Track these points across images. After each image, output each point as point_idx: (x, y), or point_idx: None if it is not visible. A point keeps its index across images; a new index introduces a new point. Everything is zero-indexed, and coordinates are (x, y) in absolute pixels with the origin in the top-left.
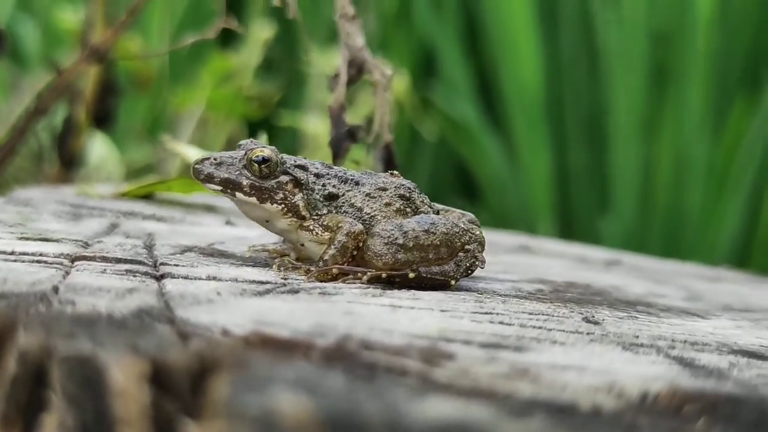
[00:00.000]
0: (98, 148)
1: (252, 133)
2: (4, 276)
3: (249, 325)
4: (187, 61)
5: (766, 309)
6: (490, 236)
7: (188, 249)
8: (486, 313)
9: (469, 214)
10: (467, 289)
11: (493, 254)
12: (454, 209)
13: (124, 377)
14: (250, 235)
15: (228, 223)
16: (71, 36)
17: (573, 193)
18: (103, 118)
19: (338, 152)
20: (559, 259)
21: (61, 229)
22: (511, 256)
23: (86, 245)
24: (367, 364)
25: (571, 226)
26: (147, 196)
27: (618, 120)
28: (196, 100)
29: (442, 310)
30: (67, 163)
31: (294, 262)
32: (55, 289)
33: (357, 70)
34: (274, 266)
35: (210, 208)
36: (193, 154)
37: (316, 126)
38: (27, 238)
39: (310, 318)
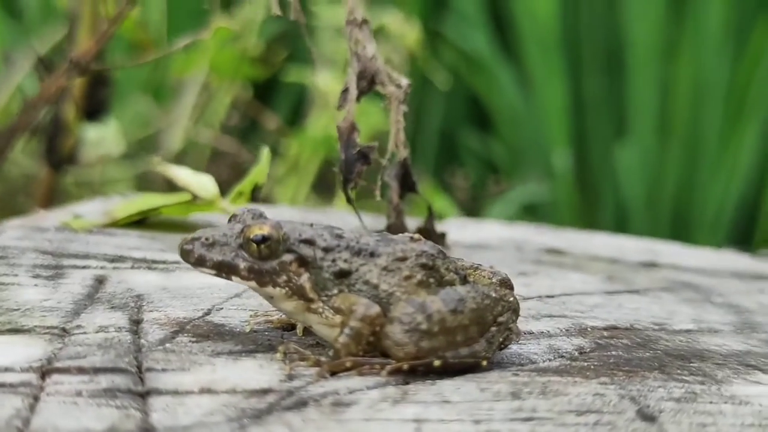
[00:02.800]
0: (91, 131)
1: (258, 93)
2: None
3: None
4: (188, 23)
5: None
6: (510, 232)
7: (180, 329)
8: (526, 419)
9: (501, 272)
10: (500, 364)
11: (522, 275)
12: (483, 267)
13: None
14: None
15: None
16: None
17: (589, 123)
18: (94, 111)
19: (349, 177)
20: (592, 270)
21: (36, 303)
22: (542, 277)
23: (63, 333)
24: None
25: (586, 157)
26: (140, 221)
27: (636, 45)
28: (198, 65)
29: (476, 421)
30: (58, 165)
31: (301, 350)
32: None
33: (368, 82)
34: (278, 354)
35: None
36: (184, 175)
37: (324, 82)
38: None
39: None
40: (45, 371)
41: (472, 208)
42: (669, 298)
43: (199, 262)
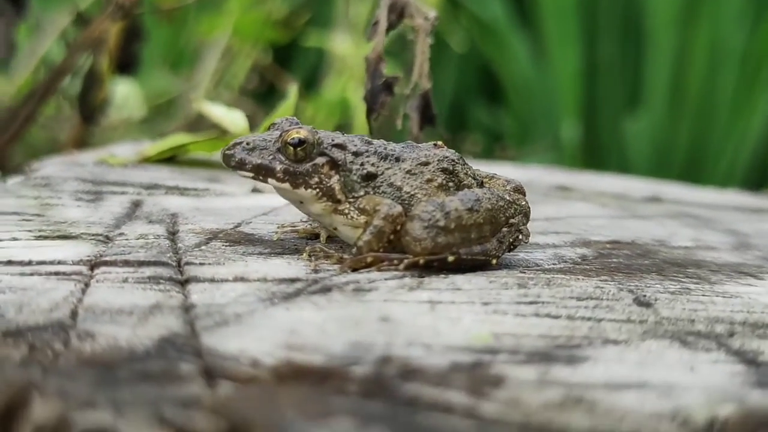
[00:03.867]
0: (120, 87)
1: (277, 57)
2: (19, 301)
3: (279, 351)
4: None
5: None
6: (523, 173)
7: (213, 236)
8: (531, 303)
9: (515, 180)
10: (508, 265)
11: (532, 203)
12: (498, 176)
13: None
14: (278, 205)
15: (254, 190)
16: None
17: (601, 92)
18: (126, 64)
19: (374, 106)
20: (599, 203)
21: (81, 218)
22: (549, 205)
23: (107, 239)
24: (409, 398)
25: (597, 128)
26: (170, 158)
27: (653, 11)
28: (221, 28)
29: (484, 303)
30: (89, 115)
31: (325, 248)
32: (74, 314)
33: (398, 15)
34: (304, 254)
35: None
36: (217, 111)
37: (343, 45)
38: (45, 237)
39: (343, 333)
40: (94, 264)
41: None
42: (670, 223)
43: (239, 165)
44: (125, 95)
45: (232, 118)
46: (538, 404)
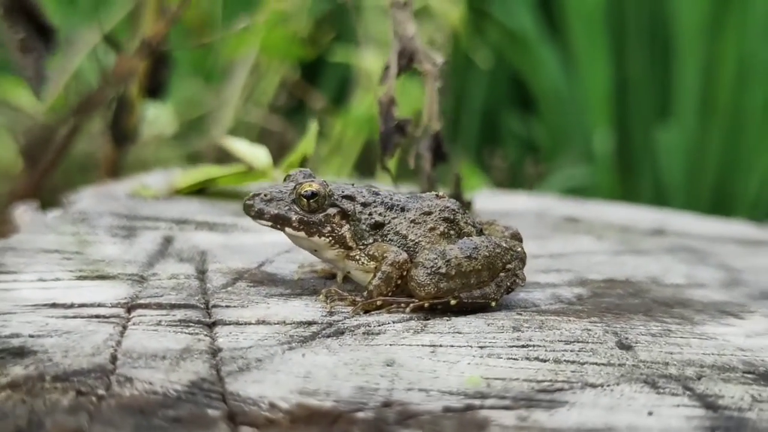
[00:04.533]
0: (153, 108)
1: (306, 74)
2: (64, 345)
3: (294, 397)
4: (241, 5)
5: None
6: (535, 203)
7: (239, 276)
8: (522, 346)
9: (513, 227)
10: (508, 306)
11: (539, 238)
12: (497, 222)
13: None
14: None
15: None
16: None
17: (632, 103)
18: (155, 89)
19: (387, 148)
20: (605, 236)
21: (117, 256)
22: (556, 239)
23: (142, 279)
24: None
25: (627, 139)
26: (200, 190)
27: (681, 24)
28: (249, 45)
29: (481, 346)
30: (121, 140)
31: (340, 292)
32: (113, 359)
33: (407, 60)
34: (321, 296)
35: None
36: (241, 147)
37: (369, 61)
38: (84, 277)
39: (352, 378)
40: (130, 306)
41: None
42: (666, 258)
43: (258, 215)
44: (155, 112)
45: (255, 154)
46: None
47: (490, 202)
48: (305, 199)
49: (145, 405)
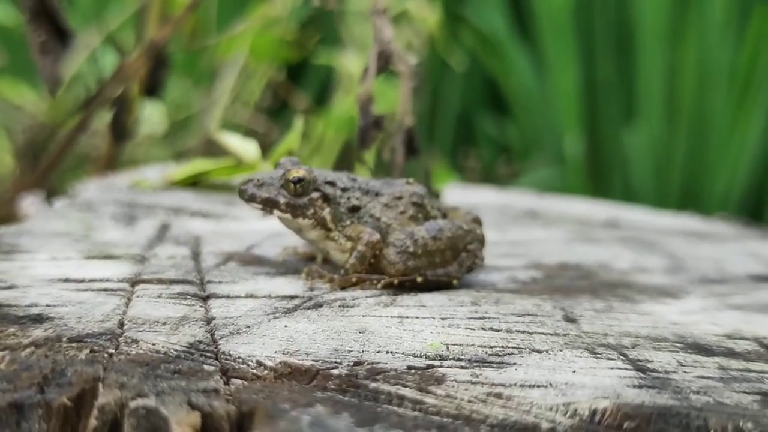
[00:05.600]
0: (150, 107)
1: (291, 75)
2: (78, 312)
3: (278, 356)
4: (234, 9)
5: (737, 277)
6: (503, 197)
7: (230, 257)
8: (479, 318)
9: (473, 212)
10: (469, 285)
11: (500, 227)
12: (460, 208)
13: (182, 429)
14: (283, 230)
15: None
16: None
17: (600, 106)
18: (153, 88)
19: (365, 141)
20: (561, 227)
21: (120, 240)
22: (515, 229)
23: (143, 259)
24: (373, 393)
25: (597, 141)
26: (193, 183)
27: (644, 28)
28: (238, 49)
29: (443, 318)
30: (120, 137)
31: (320, 270)
32: (121, 324)
33: (385, 62)
34: (303, 274)
35: None
36: (233, 141)
37: (351, 63)
38: (93, 257)
39: (328, 342)
40: (134, 281)
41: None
42: (616, 247)
43: (251, 199)
44: (149, 113)
45: (246, 148)
46: (468, 398)
47: (459, 195)
48: (292, 184)
49: (150, 360)
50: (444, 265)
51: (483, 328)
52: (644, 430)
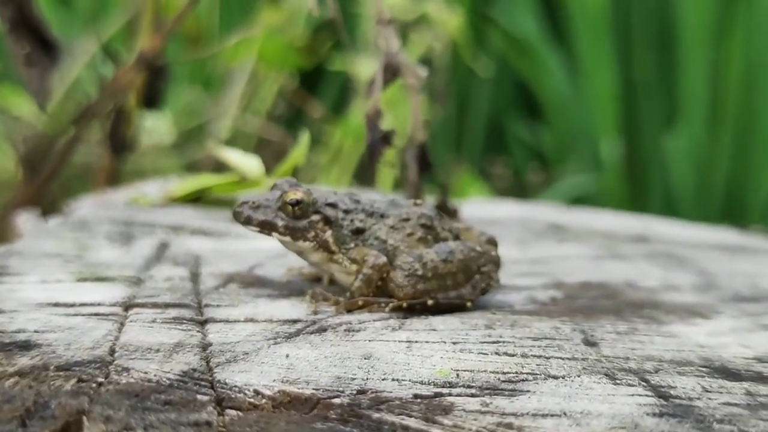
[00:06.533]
0: (150, 118)
1: (306, 83)
2: (66, 339)
3: (276, 384)
4: (238, 15)
5: None
6: (523, 210)
7: (230, 279)
8: (493, 342)
9: (487, 233)
10: (484, 306)
11: (521, 244)
12: (474, 228)
13: None
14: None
15: None
16: None
17: (638, 109)
18: (152, 100)
19: (373, 156)
20: (586, 242)
21: (115, 261)
22: (537, 246)
23: (138, 281)
24: (376, 423)
25: (635, 145)
26: (195, 198)
27: (687, 28)
28: (247, 54)
29: (454, 342)
30: (119, 150)
31: (325, 293)
32: (112, 351)
33: (392, 74)
34: (307, 296)
35: None
36: (234, 157)
37: (368, 69)
38: (84, 279)
39: (331, 369)
40: (128, 305)
41: (516, 198)
42: (645, 263)
43: (247, 221)
44: (154, 123)
45: (248, 164)
46: (476, 428)
47: (478, 209)
48: (290, 206)
49: (140, 390)
50: (456, 287)
51: (497, 353)
52: None
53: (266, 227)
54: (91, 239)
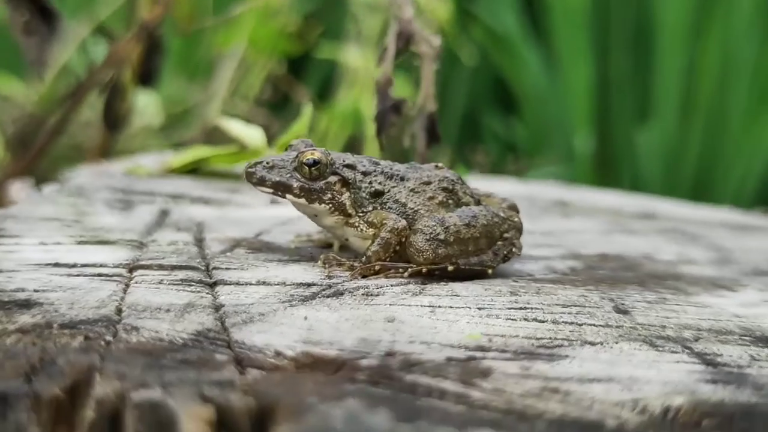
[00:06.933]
0: (141, 97)
1: (291, 68)
2: (70, 298)
3: (298, 345)
4: None
5: None
6: (527, 188)
7: (237, 244)
8: (521, 308)
9: (509, 199)
10: (504, 275)
11: (530, 218)
12: (495, 195)
13: (193, 426)
14: (293, 216)
15: (272, 202)
16: None
17: (613, 104)
18: (147, 76)
19: (383, 126)
20: (594, 218)
21: (116, 225)
22: (547, 219)
23: (141, 245)
24: (409, 386)
25: (609, 138)
26: (193, 170)
27: (665, 26)
28: (237, 39)
29: (479, 308)
30: (113, 126)
31: (338, 257)
32: (119, 311)
33: (405, 42)
34: (319, 261)
35: None
36: (236, 127)
37: (355, 58)
38: (85, 242)
39: (354, 331)
40: (132, 267)
41: None
42: (658, 238)
43: (260, 182)
44: (144, 104)
45: (250, 134)
46: (519, 393)
47: (481, 185)
48: (307, 167)
49: (153, 349)
50: (477, 253)
51: (526, 319)
52: (726, 429)
53: (280, 188)
54: (89, 206)
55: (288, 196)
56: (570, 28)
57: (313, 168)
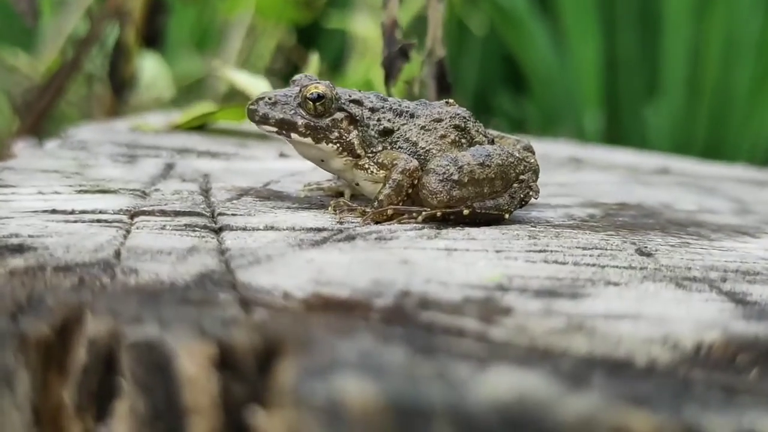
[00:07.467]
0: (149, 66)
1: (301, 39)
2: (66, 242)
3: (309, 286)
4: None
5: None
6: (539, 146)
7: (244, 192)
8: (540, 251)
9: (524, 140)
10: (520, 221)
11: (544, 172)
12: (508, 136)
13: (193, 364)
14: (304, 169)
15: (281, 155)
16: None
17: (621, 81)
18: (152, 37)
19: (391, 72)
20: (610, 173)
21: (118, 176)
22: (562, 173)
23: (144, 194)
24: (425, 324)
25: (618, 116)
26: (200, 127)
27: (670, 4)
28: (244, 7)
29: (497, 251)
30: (119, 88)
31: (349, 203)
32: (117, 254)
33: None
34: (330, 208)
35: (262, 136)
36: (242, 78)
37: (365, 27)
38: (85, 191)
39: (367, 272)
40: (133, 213)
41: None
42: (676, 190)
43: (263, 120)
44: (154, 75)
45: (257, 85)
46: (543, 330)
47: None
48: (311, 102)
49: (152, 291)
50: (493, 196)
51: (545, 261)
52: (762, 365)
53: (284, 126)
54: (91, 159)
55: (293, 135)
56: (578, 5)
57: (317, 103)
